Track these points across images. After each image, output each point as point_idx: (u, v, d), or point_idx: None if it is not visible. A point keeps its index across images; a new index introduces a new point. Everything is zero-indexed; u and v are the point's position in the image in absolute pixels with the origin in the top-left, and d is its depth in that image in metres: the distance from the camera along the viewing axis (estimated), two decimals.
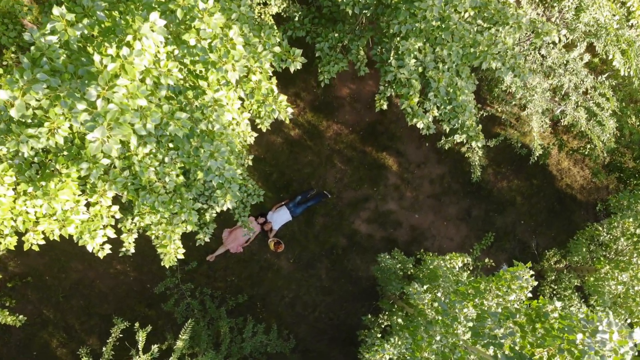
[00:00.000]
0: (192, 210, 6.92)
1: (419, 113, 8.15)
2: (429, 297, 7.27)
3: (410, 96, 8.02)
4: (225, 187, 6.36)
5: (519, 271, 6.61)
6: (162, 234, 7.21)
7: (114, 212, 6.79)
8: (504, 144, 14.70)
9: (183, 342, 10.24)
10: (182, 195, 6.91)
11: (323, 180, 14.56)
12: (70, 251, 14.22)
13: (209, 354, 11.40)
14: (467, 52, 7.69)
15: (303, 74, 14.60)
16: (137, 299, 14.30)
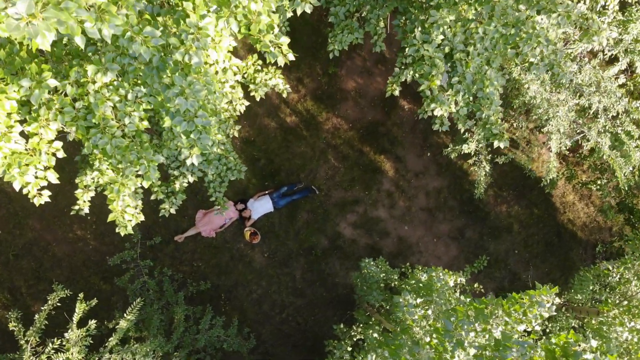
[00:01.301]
0: (152, 163, 5.48)
1: (439, 98, 6.77)
2: (421, 312, 5.88)
3: (432, 77, 6.65)
4: (193, 138, 4.95)
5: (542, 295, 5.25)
6: (111, 185, 5.75)
7: (56, 150, 5.34)
8: (509, 166, 13.37)
9: (128, 322, 8.74)
10: (143, 144, 5.47)
11: (313, 175, 13.16)
12: (30, 208, 12.68)
13: (157, 341, 9.89)
14: (508, 33, 6.33)
15: (309, 59, 13.23)
16: (92, 270, 12.76)
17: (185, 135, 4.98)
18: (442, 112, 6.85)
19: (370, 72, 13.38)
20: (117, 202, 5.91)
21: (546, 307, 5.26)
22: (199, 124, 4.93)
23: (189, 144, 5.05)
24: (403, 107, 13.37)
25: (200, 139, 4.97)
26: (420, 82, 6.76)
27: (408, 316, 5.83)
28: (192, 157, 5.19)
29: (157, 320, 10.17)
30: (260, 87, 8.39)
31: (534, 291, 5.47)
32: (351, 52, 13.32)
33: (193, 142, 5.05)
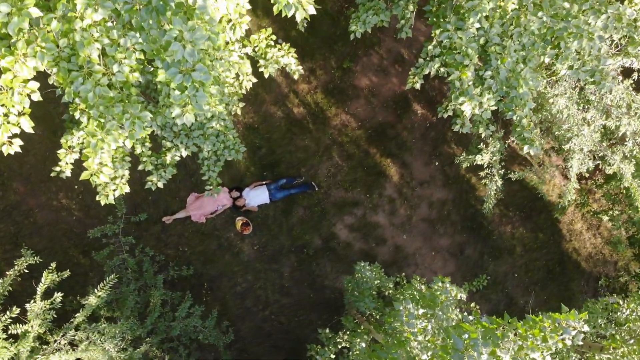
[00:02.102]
0: (138, 120, 4.73)
1: (468, 91, 6.04)
2: (422, 324, 5.15)
3: (463, 67, 5.92)
4: (188, 94, 4.21)
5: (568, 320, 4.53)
6: (88, 139, 5.00)
7: (31, 91, 4.59)
8: (519, 185, 12.65)
9: (98, 299, 7.97)
10: (130, 97, 4.73)
11: (314, 171, 12.42)
12: (17, 170, 11.92)
13: (129, 323, 9.12)
14: (555, 26, 5.60)
15: (325, 50, 12.52)
16: (73, 241, 11.98)
17: (180, 90, 4.24)
18: (470, 107, 6.11)
19: (386, 72, 12.67)
20: (94, 159, 5.15)
21: (572, 334, 4.53)
22: (197, 78, 4.19)
23: (182, 101, 4.30)
24: (416, 111, 12.65)
25: (197, 97, 4.23)
26: (449, 71, 6.02)
27: (407, 328, 5.09)
28: (184, 116, 4.45)
29: (132, 302, 9.39)
30: (270, 63, 7.67)
31: (560, 315, 4.74)
32: (369, 49, 12.62)
33: (187, 100, 4.30)
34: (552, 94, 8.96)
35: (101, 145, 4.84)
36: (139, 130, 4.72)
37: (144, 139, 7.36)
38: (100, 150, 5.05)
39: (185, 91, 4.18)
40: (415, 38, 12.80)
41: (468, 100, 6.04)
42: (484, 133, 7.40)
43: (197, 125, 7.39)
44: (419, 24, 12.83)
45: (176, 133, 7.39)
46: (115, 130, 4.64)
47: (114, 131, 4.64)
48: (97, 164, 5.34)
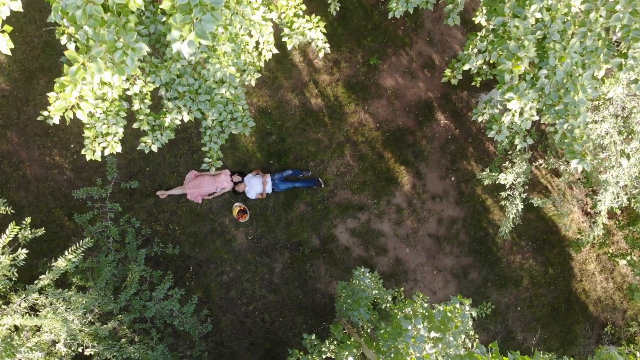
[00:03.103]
0: (132, 51, 3.88)
1: (519, 87, 5.15)
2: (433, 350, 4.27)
3: (517, 58, 5.04)
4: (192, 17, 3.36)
5: None
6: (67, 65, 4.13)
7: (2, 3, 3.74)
8: (535, 214, 11.74)
9: (68, 263, 7.10)
10: (126, 25, 3.88)
11: (323, 167, 11.55)
12: (14, 119, 11.10)
13: (101, 295, 8.25)
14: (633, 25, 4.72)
15: (353, 44, 11.68)
16: (59, 202, 11.14)
17: (183, 12, 3.38)
18: (518, 105, 5.23)
19: (414, 75, 11.81)
20: (72, 89, 4.28)
21: None
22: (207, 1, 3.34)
23: (184, 22, 3.43)
24: (439, 121, 11.77)
25: (202, 22, 3.37)
26: (500, 61, 5.14)
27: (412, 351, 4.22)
28: (182, 42, 3.59)
29: (109, 274, 8.52)
30: (296, 34, 6.82)
31: None
32: (400, 49, 11.77)
33: (190, 22, 3.44)
34: (593, 118, 8.08)
35: (82, 74, 3.98)
36: (131, 63, 3.86)
37: (144, 95, 6.52)
38: (82, 81, 4.19)
39: (191, 12, 3.33)
40: (449, 44, 11.96)
41: (517, 98, 5.17)
42: (519, 145, 6.52)
43: (204, 89, 6.54)
44: (456, 30, 11.99)
45: (180, 94, 6.53)
46: (102, 59, 3.80)
47: (101, 59, 3.80)
48: (75, 97, 4.48)
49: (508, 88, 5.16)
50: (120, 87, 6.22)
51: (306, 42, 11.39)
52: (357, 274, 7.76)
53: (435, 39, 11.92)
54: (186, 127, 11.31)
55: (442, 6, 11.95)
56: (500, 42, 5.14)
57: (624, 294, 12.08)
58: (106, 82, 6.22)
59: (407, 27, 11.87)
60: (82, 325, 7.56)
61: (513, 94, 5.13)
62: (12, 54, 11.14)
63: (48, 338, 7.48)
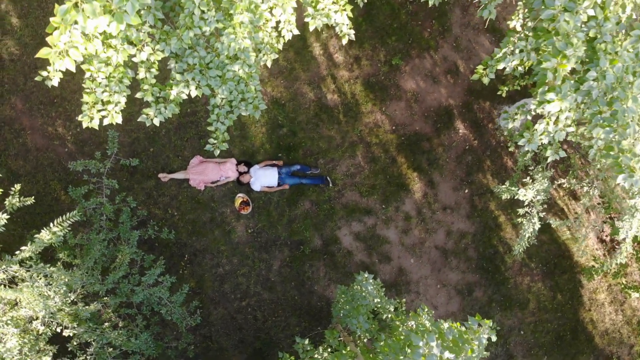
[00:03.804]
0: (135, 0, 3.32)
1: (562, 89, 4.57)
2: None
3: (564, 56, 4.47)
4: None
5: None
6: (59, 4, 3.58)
7: None
8: (548, 236, 11.12)
9: (53, 235, 6.56)
10: None
11: (333, 166, 10.99)
12: (20, 84, 10.62)
13: (89, 274, 7.71)
14: None
15: (376, 41, 11.13)
16: (57, 175, 10.64)
17: None
18: (559, 107, 4.65)
19: (436, 80, 11.25)
20: (60, 34, 3.75)
21: None
22: None
23: None
24: (457, 130, 11.19)
25: None
26: (544, 58, 4.56)
27: None
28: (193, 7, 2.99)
29: (98, 253, 7.98)
30: (320, 15, 6.27)
31: None
32: (424, 51, 11.21)
33: None
34: None
35: (74, 16, 3.43)
36: (132, 11, 3.33)
37: (151, 64, 5.99)
38: (73, 25, 3.65)
39: None
40: (476, 52, 11.40)
41: (558, 99, 4.59)
42: (550, 157, 5.94)
43: (216, 64, 6.01)
44: (484, 38, 11.43)
45: (190, 66, 6.00)
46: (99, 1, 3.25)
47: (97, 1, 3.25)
48: (64, 42, 3.94)
49: (549, 88, 4.58)
50: (126, 52, 5.70)
51: (328, 35, 10.80)
52: (359, 279, 7.19)
53: (461, 44, 11.35)
54: (195, 111, 10.80)
55: (472, 12, 11.40)
56: (546, 37, 4.57)
57: (632, 328, 11.43)
58: (111, 45, 5.70)
59: (433, 30, 11.31)
60: (63, 304, 7.02)
61: (554, 94, 4.56)
62: (25, 18, 10.67)
63: (25, 314, 6.94)
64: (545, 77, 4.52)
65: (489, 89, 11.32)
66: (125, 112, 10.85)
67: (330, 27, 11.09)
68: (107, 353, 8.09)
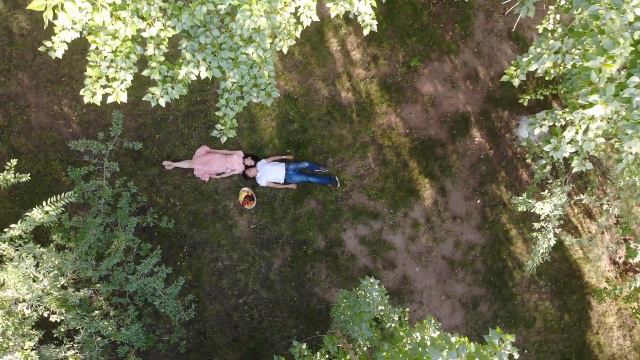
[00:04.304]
0: None
1: (606, 91, 4.15)
2: None
3: (609, 57, 4.05)
4: None
5: None
6: None
7: None
8: (560, 254, 10.67)
9: (45, 215, 6.18)
10: None
11: (342, 166, 10.58)
12: (28, 59, 10.28)
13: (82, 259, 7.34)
14: None
15: (396, 41, 10.74)
16: (60, 155, 10.28)
17: None
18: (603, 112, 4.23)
19: (455, 85, 10.83)
20: None
21: None
22: None
23: None
24: (473, 138, 10.77)
25: None
26: (588, 57, 4.13)
27: None
28: None
29: (93, 237, 7.60)
30: (342, 1, 5.88)
31: None
32: (445, 54, 10.80)
33: None
34: None
35: None
36: None
37: (160, 40, 5.61)
38: None
39: None
40: (498, 59, 10.98)
41: (602, 103, 4.17)
42: (576, 167, 5.52)
43: (229, 45, 5.62)
44: (506, 45, 11.01)
45: (202, 46, 5.61)
46: None
47: None
48: None
49: (592, 90, 4.15)
50: (135, 26, 5.33)
51: (347, 32, 10.29)
52: (365, 283, 6.77)
53: (483, 51, 10.94)
54: (205, 99, 10.43)
55: (496, 18, 10.99)
56: (589, 35, 4.16)
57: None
58: (120, 18, 5.33)
59: (455, 34, 10.90)
60: (52, 288, 6.64)
61: (597, 96, 4.13)
62: None
63: (11, 295, 6.56)
64: (589, 78, 4.08)
65: (508, 97, 10.90)
66: (133, 95, 10.54)
67: (350, 23, 10.71)
68: (95, 342, 7.70)
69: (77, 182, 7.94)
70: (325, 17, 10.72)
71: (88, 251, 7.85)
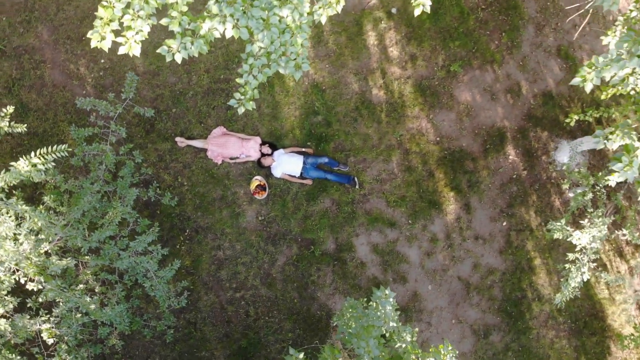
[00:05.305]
0: None
1: None
2: None
3: None
4: None
5: None
6: None
7: None
8: (583, 291, 9.73)
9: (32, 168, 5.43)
10: None
11: (364, 167, 9.76)
12: (52, 13, 9.61)
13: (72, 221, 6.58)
14: None
15: (437, 43, 9.91)
16: (69, 117, 9.58)
17: None
18: None
19: (495, 97, 9.98)
20: None
21: None
22: None
23: None
24: (507, 155, 9.89)
25: None
26: None
27: None
28: None
29: (88, 204, 6.83)
30: None
31: None
32: (487, 63, 9.96)
33: None
34: None
35: None
36: None
37: None
38: None
39: None
40: (543, 76, 10.12)
41: None
42: None
43: (262, 3, 4.84)
44: (554, 63, 10.14)
45: (231, 0, 4.83)
46: None
47: None
48: None
49: None
50: None
51: (387, 27, 9.45)
52: (379, 294, 5.92)
53: (529, 65, 10.08)
54: (229, 78, 9.68)
55: (546, 32, 10.13)
56: None
57: None
58: None
59: (501, 43, 10.06)
60: (32, 252, 5.88)
61: None
62: None
63: None
64: None
65: (549, 117, 10.02)
66: (154, 64, 9.81)
67: (391, 18, 9.91)
68: (74, 318, 6.92)
69: (79, 143, 7.20)
70: (366, 8, 9.94)
71: (81, 219, 7.10)
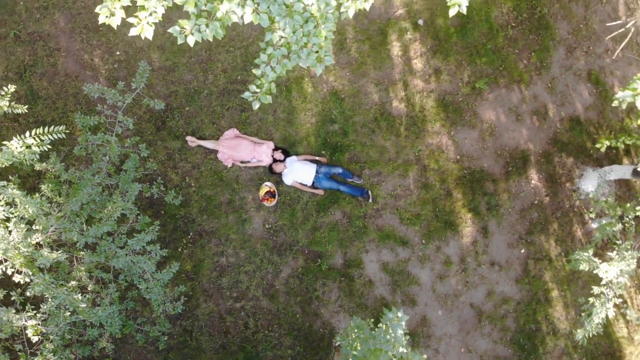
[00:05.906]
0: None
1: None
2: None
3: None
4: None
5: None
6: None
7: None
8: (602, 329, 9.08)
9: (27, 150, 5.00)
10: None
11: (379, 181, 9.26)
12: (70, 1, 9.30)
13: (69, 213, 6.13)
14: None
15: (464, 58, 9.46)
16: (79, 107, 9.21)
17: None
18: None
19: (520, 118, 9.48)
20: None
21: None
22: None
23: None
24: (530, 179, 9.36)
25: None
26: None
27: None
28: None
29: (87, 197, 6.39)
30: None
31: None
32: (514, 83, 9.49)
33: None
34: None
35: None
36: None
37: None
38: None
39: None
40: (571, 100, 9.64)
41: None
42: None
43: None
44: (584, 87, 9.64)
45: None
46: None
47: None
48: None
49: None
50: None
51: (412, 38, 8.98)
52: (390, 316, 5.37)
53: (557, 88, 9.58)
54: (246, 80, 9.28)
55: (577, 55, 9.65)
56: None
57: None
58: None
59: (530, 63, 9.59)
60: (20, 242, 5.42)
61: None
62: None
63: None
64: None
65: (576, 143, 9.49)
66: (171, 60, 9.44)
67: (417, 29, 9.49)
68: (62, 316, 6.44)
69: (83, 131, 6.78)
70: (392, 17, 9.53)
71: (79, 212, 6.65)
